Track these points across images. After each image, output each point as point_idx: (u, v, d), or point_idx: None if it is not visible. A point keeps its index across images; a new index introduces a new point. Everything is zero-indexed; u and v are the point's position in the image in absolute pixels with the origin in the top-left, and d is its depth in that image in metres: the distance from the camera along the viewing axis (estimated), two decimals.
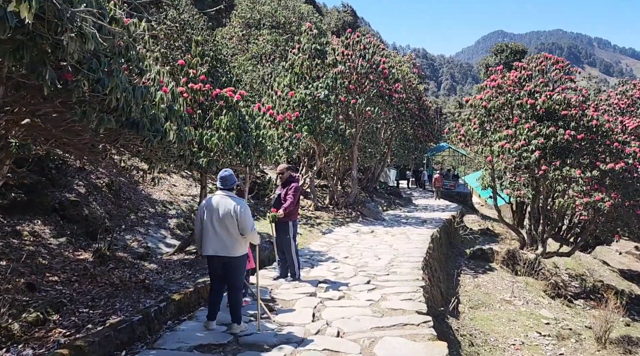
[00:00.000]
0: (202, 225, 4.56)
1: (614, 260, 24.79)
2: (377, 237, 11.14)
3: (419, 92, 19.28)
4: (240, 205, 4.45)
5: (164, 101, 4.96)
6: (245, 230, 4.42)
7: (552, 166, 11.82)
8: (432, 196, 26.18)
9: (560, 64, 12.79)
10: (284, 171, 6.84)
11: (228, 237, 4.42)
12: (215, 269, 4.61)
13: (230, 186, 4.60)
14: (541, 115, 12.50)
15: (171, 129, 4.79)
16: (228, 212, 4.38)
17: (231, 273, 4.56)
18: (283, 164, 7.01)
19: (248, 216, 4.47)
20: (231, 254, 4.46)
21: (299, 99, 13.03)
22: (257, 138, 7.91)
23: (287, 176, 6.78)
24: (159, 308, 5.06)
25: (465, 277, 11.66)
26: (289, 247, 6.46)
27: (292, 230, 6.49)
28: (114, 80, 3.78)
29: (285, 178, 6.77)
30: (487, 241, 17.47)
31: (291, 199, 6.44)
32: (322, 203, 15.84)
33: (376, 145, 15.93)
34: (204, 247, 4.54)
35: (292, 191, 6.56)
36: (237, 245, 4.48)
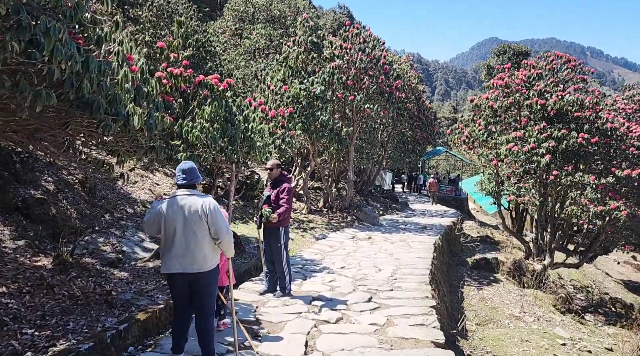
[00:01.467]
0: (164, 235, 3.63)
1: (612, 270, 24.14)
2: (375, 244, 10.26)
3: (418, 92, 18.48)
4: (210, 202, 3.56)
5: (130, 80, 4.04)
6: (220, 232, 3.51)
7: (563, 171, 11.03)
8: (428, 201, 25.39)
9: (573, 62, 12.04)
10: (273, 167, 5.94)
11: (197, 246, 3.49)
12: (180, 290, 3.61)
13: (193, 182, 3.66)
14: (551, 116, 11.72)
15: (135, 113, 3.88)
16: (195, 213, 3.47)
17: (201, 293, 3.59)
18: (273, 160, 6.09)
19: (221, 215, 3.59)
20: (202, 268, 3.52)
21: (293, 94, 12.15)
22: (245, 132, 7.01)
23: (277, 174, 5.88)
24: (117, 332, 4.14)
25: (469, 289, 10.82)
26: (279, 257, 5.57)
27: (283, 238, 5.59)
28: (51, 40, 2.88)
29: (275, 177, 5.88)
30: (487, 249, 16.67)
31: (286, 205, 5.58)
32: (316, 206, 14.95)
33: (373, 146, 15.08)
34: (167, 263, 3.56)
35: (285, 194, 5.66)
36: (209, 255, 3.55)
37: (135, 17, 11.85)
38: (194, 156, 6.34)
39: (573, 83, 11.97)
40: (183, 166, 3.69)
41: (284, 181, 5.80)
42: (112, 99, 3.79)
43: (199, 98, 7.01)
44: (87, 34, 3.75)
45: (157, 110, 4.62)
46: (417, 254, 8.92)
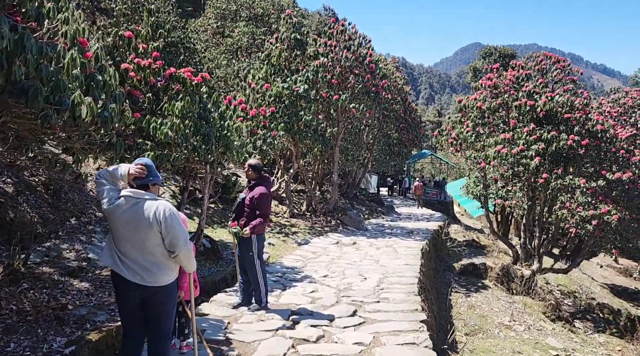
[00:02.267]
0: (111, 237, 3.08)
1: (596, 274, 24.10)
2: (360, 249, 9.79)
3: (404, 94, 18.12)
4: (165, 208, 2.98)
5: (79, 66, 3.50)
6: (176, 244, 2.93)
7: (553, 174, 10.72)
8: (414, 204, 25.07)
9: (562, 63, 11.77)
10: (248, 168, 5.33)
11: (148, 259, 2.93)
12: (130, 305, 3.01)
13: (146, 182, 3.06)
14: (541, 118, 11.42)
15: (82, 103, 3.34)
16: (146, 220, 2.90)
17: (156, 313, 3.03)
18: (251, 159, 5.52)
19: (178, 223, 2.99)
20: (157, 282, 2.95)
21: (275, 93, 11.64)
22: (220, 130, 6.48)
23: (254, 176, 5.30)
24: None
25: (456, 296, 10.42)
26: (252, 268, 5.04)
27: (256, 247, 5.05)
28: None
29: (253, 179, 5.33)
30: (474, 253, 16.35)
31: (265, 217, 5.03)
32: (299, 209, 14.44)
33: (359, 147, 14.63)
34: (115, 260, 2.98)
35: (263, 204, 5.05)
36: (164, 268, 2.98)
37: (107, 9, 11.21)
38: (163, 155, 5.80)
39: (562, 84, 11.70)
40: (142, 160, 3.13)
41: (260, 184, 5.20)
42: (55, 86, 3.25)
43: (171, 94, 6.48)
44: (25, 9, 3.21)
45: (116, 101, 4.07)
46: (404, 261, 8.47)
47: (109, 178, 3.03)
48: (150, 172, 3.11)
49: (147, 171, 3.05)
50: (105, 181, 3.00)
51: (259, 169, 5.30)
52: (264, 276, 5.05)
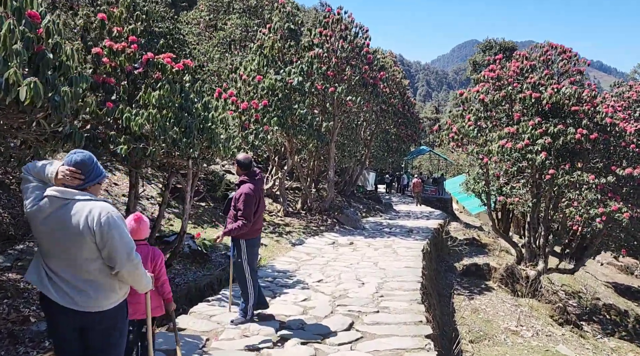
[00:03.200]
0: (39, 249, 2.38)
1: (597, 272, 23.66)
2: (357, 250, 9.23)
3: (402, 88, 17.54)
4: (101, 211, 2.27)
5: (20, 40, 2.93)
6: (116, 258, 2.26)
7: (560, 170, 10.19)
8: (413, 201, 24.54)
9: (568, 53, 11.21)
10: (235, 164, 4.83)
11: (81, 276, 2.27)
12: (63, 335, 2.34)
13: (83, 186, 2.34)
14: (546, 111, 10.88)
15: (20, 82, 2.76)
16: (76, 227, 2.22)
17: (96, 347, 2.37)
18: (239, 154, 4.91)
19: (119, 231, 2.28)
20: (94, 307, 2.28)
21: (267, 86, 11.05)
22: (204, 121, 5.90)
23: (242, 172, 4.73)
24: None
25: (459, 299, 9.89)
26: (241, 275, 4.47)
27: (244, 253, 4.50)
28: None
29: (240, 175, 4.78)
30: (475, 252, 15.83)
31: (244, 219, 4.35)
32: (294, 208, 13.87)
33: (356, 143, 14.06)
34: (41, 276, 2.29)
35: (243, 204, 4.40)
36: (103, 289, 2.31)
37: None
38: (139, 149, 5.21)
39: (569, 75, 11.16)
40: (74, 157, 2.34)
41: (246, 182, 4.60)
42: None
43: (149, 82, 5.90)
44: None
45: (72, 85, 3.49)
46: (404, 262, 7.92)
47: (35, 175, 2.34)
48: (87, 173, 2.36)
49: (80, 174, 2.32)
50: (32, 177, 2.33)
51: (245, 165, 4.71)
52: (254, 286, 4.47)
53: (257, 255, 4.81)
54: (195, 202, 10.87)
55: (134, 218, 3.07)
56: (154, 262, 3.09)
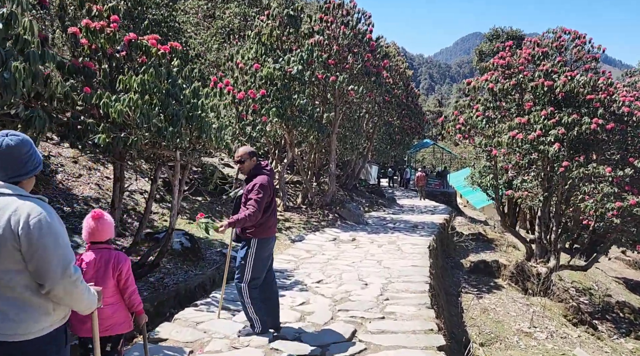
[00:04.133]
0: None
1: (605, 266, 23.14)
2: (360, 247, 8.75)
3: (406, 78, 16.98)
4: (29, 212, 1.75)
5: None
6: (45, 273, 1.74)
7: (574, 162, 9.67)
8: (416, 196, 24.03)
9: (582, 39, 10.64)
10: (244, 158, 4.06)
11: (4, 292, 1.74)
12: None
13: (16, 179, 1.83)
14: (559, 100, 10.34)
15: None
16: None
17: None
18: (243, 148, 4.21)
19: (51, 238, 1.76)
20: (18, 335, 1.74)
21: (266, 74, 10.53)
22: (193, 109, 5.40)
23: (251, 166, 4.04)
24: None
25: (467, 298, 9.41)
26: (240, 280, 3.86)
27: (252, 256, 3.82)
28: None
29: (248, 170, 4.05)
30: (481, 248, 15.34)
31: (252, 207, 3.71)
32: (294, 202, 13.39)
33: (358, 135, 13.55)
34: None
35: (254, 193, 3.79)
36: (31, 311, 1.78)
37: None
38: (119, 139, 4.73)
39: (583, 62, 10.60)
40: (5, 140, 1.80)
41: (258, 174, 3.97)
42: None
43: (134, 66, 5.41)
44: None
45: (29, 61, 3.00)
46: (410, 261, 7.43)
47: None
48: (20, 162, 1.84)
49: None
50: None
51: (252, 154, 4.10)
52: (256, 308, 3.84)
53: (266, 263, 3.92)
54: (190, 197, 10.40)
55: (93, 215, 2.59)
56: (117, 269, 2.61)
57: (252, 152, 4.11)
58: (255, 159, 4.09)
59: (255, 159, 4.09)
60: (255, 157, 4.09)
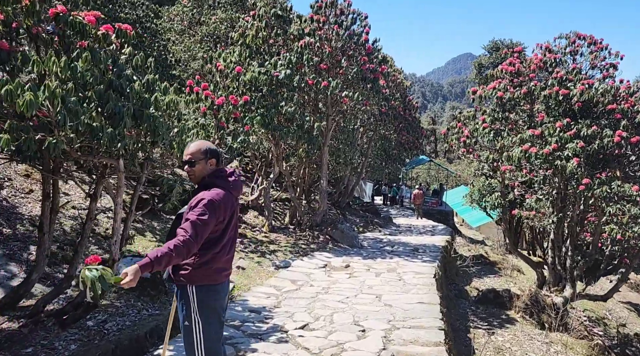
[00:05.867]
0: None
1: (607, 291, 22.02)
2: (355, 277, 7.52)
3: (403, 89, 15.97)
4: None
5: None
6: None
7: (596, 179, 8.57)
8: (412, 214, 22.88)
9: (599, 44, 9.66)
10: (195, 158, 2.74)
11: None
12: None
13: None
14: (575, 110, 9.30)
15: None
16: None
17: None
18: (197, 142, 2.85)
19: None
20: None
21: (249, 79, 9.42)
22: (143, 106, 4.22)
23: (205, 171, 2.75)
24: None
25: (477, 333, 8.16)
26: (190, 346, 2.62)
27: (197, 311, 2.58)
28: None
29: (201, 177, 2.76)
30: (484, 272, 14.14)
31: (186, 234, 2.42)
32: (282, 222, 12.15)
33: (352, 148, 12.42)
34: None
35: (196, 212, 2.51)
36: None
37: None
38: (30, 141, 3.52)
39: (600, 70, 9.60)
40: None
41: (213, 186, 2.69)
42: None
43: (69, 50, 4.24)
44: None
45: None
46: (415, 295, 6.22)
47: None
48: None
49: None
50: None
51: (210, 153, 2.76)
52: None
53: (222, 316, 2.69)
54: (141, 218, 9.01)
55: None
56: None
57: (210, 151, 2.77)
58: (215, 162, 2.78)
59: (215, 162, 2.78)
60: (214, 158, 2.78)
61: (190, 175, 2.75)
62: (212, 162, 2.75)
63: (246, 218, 11.71)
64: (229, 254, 2.70)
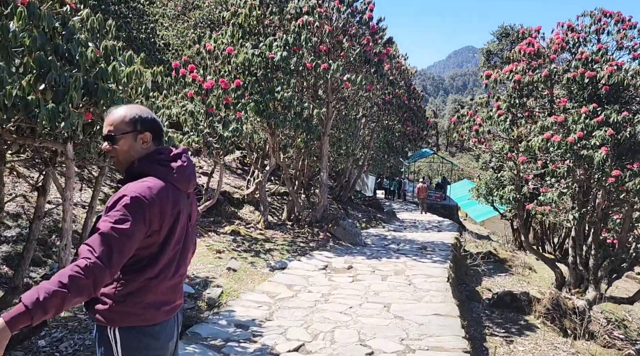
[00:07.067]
0: None
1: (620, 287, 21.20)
2: (358, 280, 6.68)
3: (408, 77, 15.11)
4: None
5: None
6: None
7: (627, 170, 7.72)
8: (416, 209, 22.06)
9: (627, 22, 8.77)
10: (116, 131, 1.74)
11: None
12: None
13: None
14: (601, 95, 8.44)
15: None
16: None
17: None
18: (121, 108, 1.81)
19: None
20: None
21: (242, 61, 8.56)
22: (99, 77, 3.37)
23: (134, 151, 1.77)
24: None
25: (493, 341, 7.34)
26: None
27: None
28: None
29: (129, 160, 1.78)
30: (494, 270, 13.29)
31: (91, 256, 1.49)
32: (279, 217, 11.32)
33: (354, 138, 11.55)
34: None
35: (111, 217, 1.57)
36: None
37: None
38: None
39: (629, 51, 8.71)
40: None
41: (144, 174, 1.73)
42: None
43: None
44: None
45: None
46: (429, 304, 5.39)
47: None
48: None
49: None
50: None
51: (145, 125, 1.80)
52: None
53: None
54: None
55: None
56: None
57: (143, 121, 1.80)
58: (150, 138, 1.81)
59: (150, 138, 1.81)
60: (149, 131, 1.81)
61: (112, 158, 1.82)
62: (145, 137, 1.79)
63: (241, 213, 10.89)
64: (174, 279, 1.78)
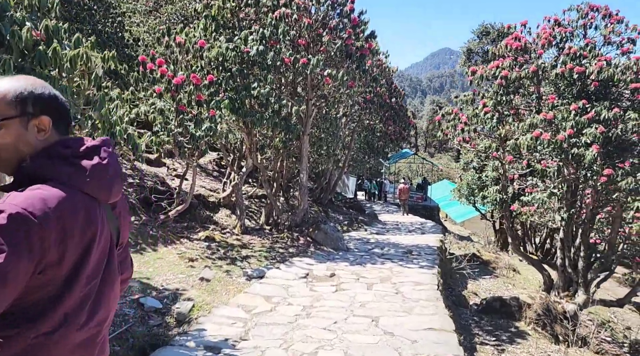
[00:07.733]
0: None
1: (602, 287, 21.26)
2: (343, 290, 6.19)
3: (389, 75, 14.74)
4: None
5: None
6: None
7: (618, 169, 7.44)
8: (397, 210, 21.74)
9: (615, 17, 8.53)
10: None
11: None
12: None
13: None
14: (590, 91, 8.17)
15: None
16: None
17: None
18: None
19: None
20: None
21: (215, 55, 8.00)
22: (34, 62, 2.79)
23: (19, 144, 1.15)
24: None
25: (484, 351, 6.96)
26: None
27: None
28: None
29: (11, 159, 1.15)
30: (479, 273, 12.99)
31: None
32: (257, 221, 10.76)
33: (336, 138, 11.08)
34: None
35: None
36: None
37: None
38: None
39: (617, 46, 8.47)
40: None
41: (32, 180, 1.12)
42: None
43: None
44: None
45: None
46: (421, 316, 4.93)
47: None
48: None
49: None
50: None
51: (40, 104, 1.17)
52: None
53: None
54: None
55: None
56: None
57: (35, 99, 1.17)
58: (48, 124, 1.19)
59: (48, 124, 1.19)
60: (46, 115, 1.18)
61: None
62: (41, 123, 1.19)
63: (217, 218, 10.29)
64: (88, 330, 1.18)
